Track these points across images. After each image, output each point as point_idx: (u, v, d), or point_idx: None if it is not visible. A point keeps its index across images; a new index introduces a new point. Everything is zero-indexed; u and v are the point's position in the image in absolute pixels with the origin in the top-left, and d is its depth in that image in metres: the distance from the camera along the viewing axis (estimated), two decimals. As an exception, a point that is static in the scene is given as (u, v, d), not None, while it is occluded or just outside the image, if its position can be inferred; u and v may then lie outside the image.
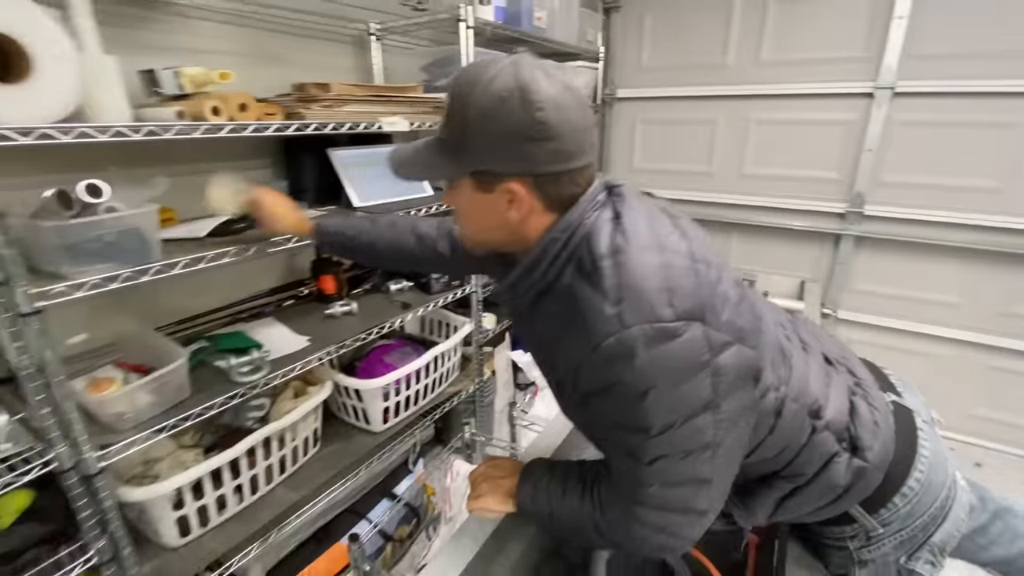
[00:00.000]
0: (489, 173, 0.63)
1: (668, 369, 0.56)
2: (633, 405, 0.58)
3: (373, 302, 1.61)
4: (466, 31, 1.52)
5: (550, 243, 0.64)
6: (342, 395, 1.55)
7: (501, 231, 0.67)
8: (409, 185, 1.58)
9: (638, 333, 0.55)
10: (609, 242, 0.60)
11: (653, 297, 0.56)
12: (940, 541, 0.74)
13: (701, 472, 0.61)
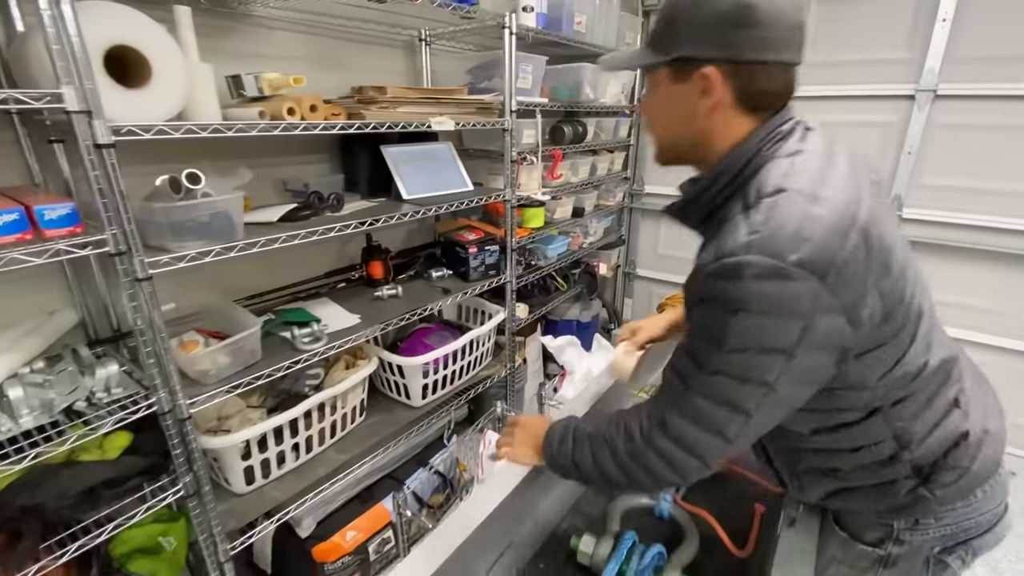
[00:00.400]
0: (688, 60, 0.65)
1: (765, 302, 0.58)
2: (720, 317, 0.61)
3: (416, 287, 1.75)
4: (509, 37, 1.63)
5: (727, 167, 0.67)
6: (386, 371, 1.69)
7: (690, 128, 0.70)
8: (449, 179, 1.71)
9: (755, 261, 0.58)
10: (776, 182, 0.62)
11: (785, 240, 0.57)
12: (977, 546, 0.76)
13: (747, 403, 0.63)
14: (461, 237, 1.82)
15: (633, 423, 0.73)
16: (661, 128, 0.75)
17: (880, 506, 0.76)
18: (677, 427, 0.67)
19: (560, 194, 2.23)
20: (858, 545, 0.80)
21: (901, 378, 0.69)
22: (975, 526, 0.75)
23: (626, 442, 0.73)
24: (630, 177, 2.91)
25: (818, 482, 0.79)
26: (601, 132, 2.46)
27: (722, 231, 0.64)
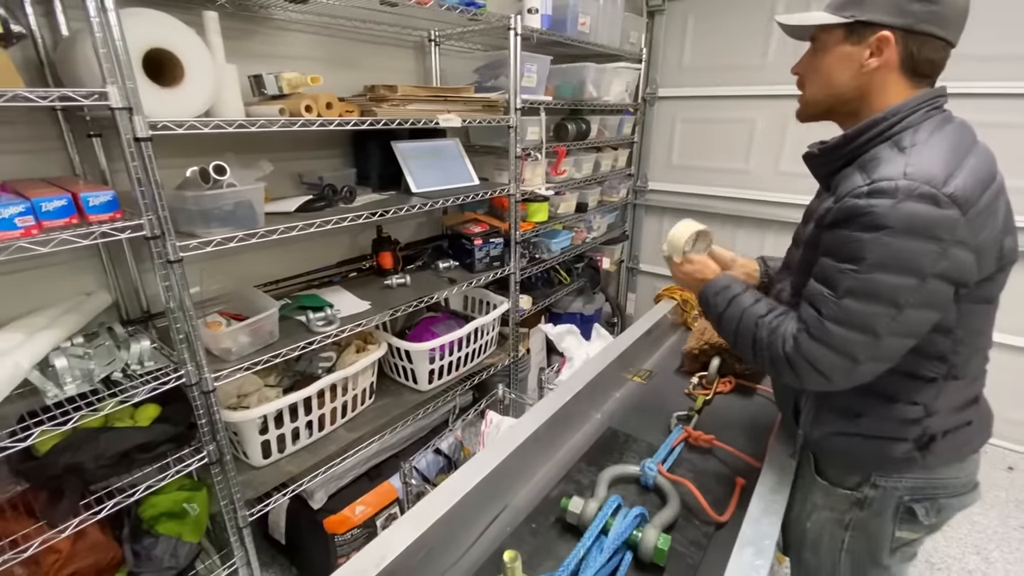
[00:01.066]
0: (868, 24, 0.73)
1: (912, 223, 0.65)
2: (863, 234, 0.67)
3: (423, 277, 1.83)
4: (514, 38, 1.70)
5: (883, 118, 0.74)
6: (395, 356, 1.78)
7: (850, 84, 0.77)
8: (456, 174, 1.78)
9: (910, 185, 0.65)
10: (927, 137, 0.71)
11: (941, 172, 0.66)
12: (944, 504, 0.84)
13: (877, 324, 0.69)
14: (467, 230, 1.90)
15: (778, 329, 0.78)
16: (819, 85, 0.81)
17: (871, 456, 0.84)
18: (807, 346, 0.74)
19: (564, 190, 2.31)
20: (839, 490, 0.89)
21: (972, 344, 0.78)
22: (943, 487, 0.84)
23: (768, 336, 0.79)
24: (634, 174, 2.97)
25: (834, 421, 0.86)
26: (605, 129, 2.53)
27: (871, 164, 0.72)
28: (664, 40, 2.70)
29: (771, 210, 2.57)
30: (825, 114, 0.84)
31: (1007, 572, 1.66)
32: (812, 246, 0.79)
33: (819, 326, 0.72)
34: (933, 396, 0.79)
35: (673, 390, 1.37)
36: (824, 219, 0.75)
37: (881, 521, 0.87)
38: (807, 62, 0.82)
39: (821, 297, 0.73)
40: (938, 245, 0.65)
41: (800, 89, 0.86)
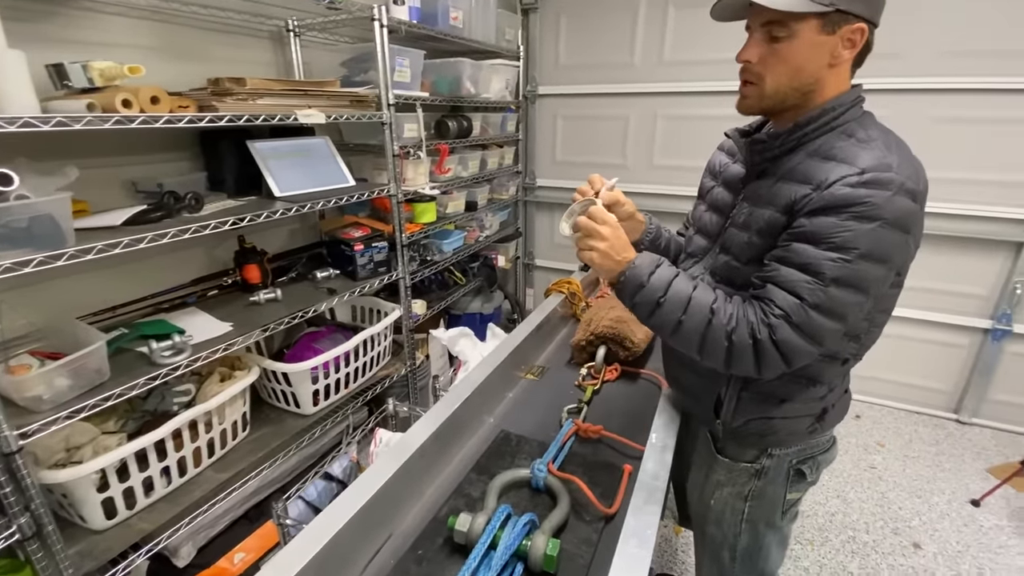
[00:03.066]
0: (847, 14, 0.71)
1: (899, 216, 0.68)
2: (858, 224, 0.68)
3: (299, 289, 1.67)
4: (380, 29, 1.60)
5: (829, 109, 0.75)
6: (271, 380, 1.61)
7: (812, 76, 0.75)
8: (328, 175, 1.65)
9: (898, 180, 0.68)
10: (877, 132, 0.74)
11: (915, 172, 0.71)
12: (820, 460, 0.95)
13: (850, 311, 0.72)
14: (347, 235, 1.77)
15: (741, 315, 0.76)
16: (785, 75, 0.75)
17: (781, 434, 0.90)
18: (784, 334, 0.72)
19: (451, 188, 2.24)
20: (740, 464, 0.95)
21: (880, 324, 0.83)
22: (819, 446, 0.94)
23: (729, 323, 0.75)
24: (522, 171, 2.98)
25: (757, 407, 0.88)
26: (488, 127, 2.51)
27: (843, 153, 0.72)
28: (540, 38, 2.74)
29: (650, 202, 2.71)
30: (780, 106, 0.78)
31: (862, 510, 1.89)
32: (770, 234, 0.77)
33: (802, 313, 0.71)
34: (841, 375, 0.85)
35: (565, 384, 1.37)
36: (798, 206, 0.73)
37: (776, 487, 0.95)
38: (768, 51, 0.74)
39: (804, 284, 0.71)
40: (908, 238, 0.70)
41: (751, 80, 0.78)
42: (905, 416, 2.47)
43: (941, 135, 2.09)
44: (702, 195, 1.01)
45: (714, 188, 0.96)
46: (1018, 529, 1.78)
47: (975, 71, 2.00)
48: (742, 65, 0.78)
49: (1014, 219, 2.09)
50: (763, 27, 0.74)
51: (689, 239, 1.00)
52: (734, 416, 0.91)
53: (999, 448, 2.22)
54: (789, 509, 0.98)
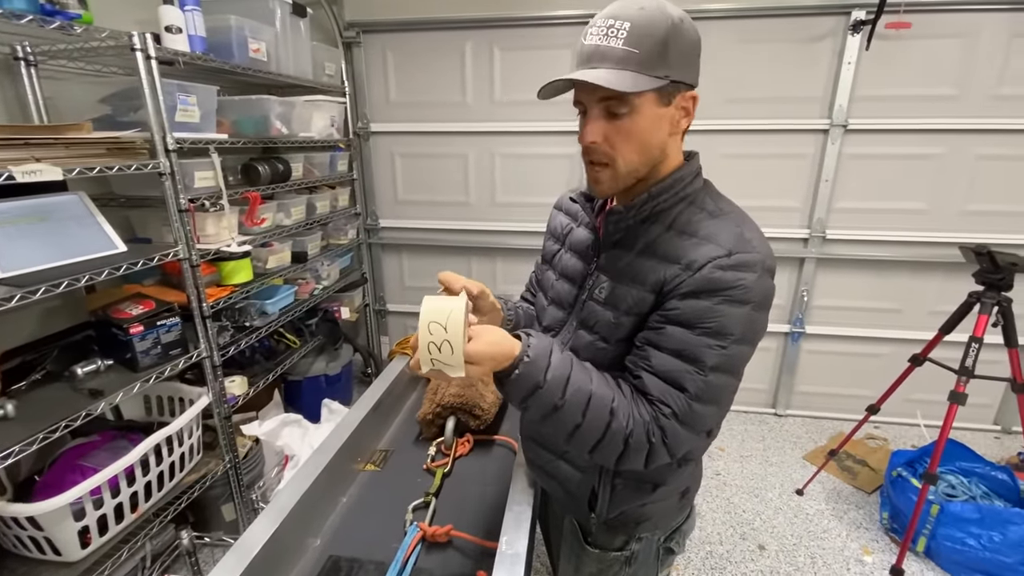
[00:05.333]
0: (676, 83, 0.68)
1: (764, 297, 0.69)
2: (732, 308, 0.67)
3: (47, 395, 1.26)
4: (146, 61, 1.31)
5: (679, 179, 0.74)
6: (11, 526, 1.17)
7: (659, 148, 0.72)
8: (82, 242, 1.28)
9: (759, 260, 0.68)
10: (726, 203, 0.76)
11: (766, 245, 0.71)
12: (685, 530, 0.94)
13: (725, 396, 0.71)
14: (119, 313, 1.39)
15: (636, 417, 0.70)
16: (636, 151, 0.71)
17: (651, 518, 0.86)
18: (674, 433, 0.69)
19: (271, 240, 1.95)
20: (610, 554, 0.89)
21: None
22: (682, 518, 0.93)
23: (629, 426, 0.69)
24: (361, 212, 2.76)
25: (631, 496, 0.84)
26: (314, 168, 2.26)
27: (703, 230, 0.71)
28: (367, 74, 2.58)
29: (495, 239, 2.69)
30: (636, 182, 0.74)
31: (714, 521, 2.00)
32: (639, 313, 0.73)
33: (687, 408, 0.68)
34: (707, 447, 0.83)
35: (412, 470, 1.19)
36: (668, 287, 0.69)
37: (647, 568, 0.92)
38: (612, 130, 0.69)
39: (686, 374, 0.68)
40: (766, 314, 0.71)
41: (602, 161, 0.72)
42: (736, 417, 2.74)
43: (730, 169, 2.40)
44: (548, 260, 0.94)
45: (561, 253, 0.90)
46: (835, 511, 2.04)
47: (751, 115, 2.33)
48: (587, 146, 0.72)
49: (795, 238, 2.47)
50: (600, 104, 0.69)
51: (543, 309, 0.92)
52: (609, 508, 0.85)
53: (809, 435, 2.57)
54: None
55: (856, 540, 1.89)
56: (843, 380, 2.65)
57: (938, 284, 2.44)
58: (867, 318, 2.55)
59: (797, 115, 2.32)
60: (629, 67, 0.65)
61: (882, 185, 2.35)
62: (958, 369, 1.64)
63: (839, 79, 2.22)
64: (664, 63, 0.66)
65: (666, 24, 0.65)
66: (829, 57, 2.23)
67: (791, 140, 2.36)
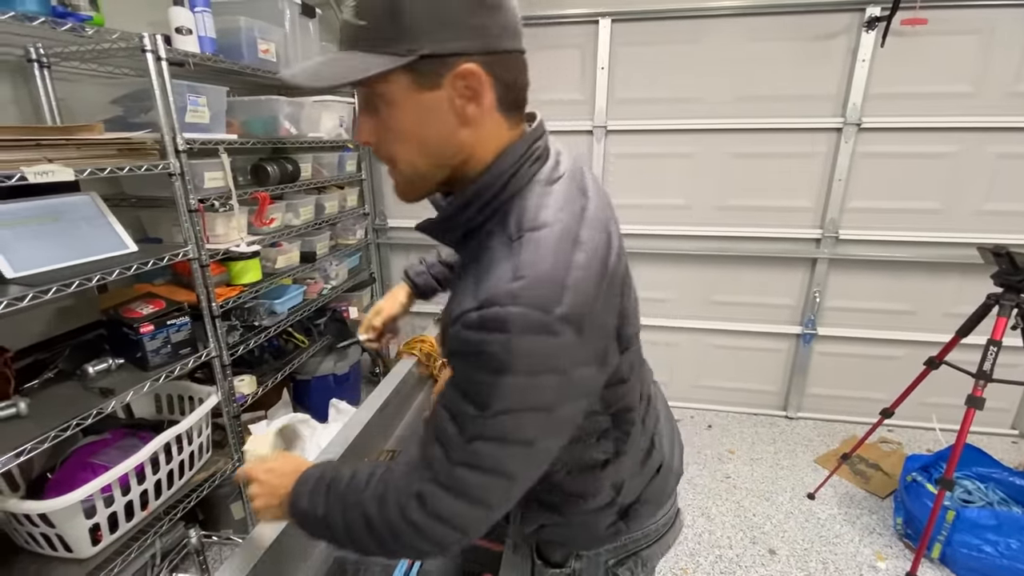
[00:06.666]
0: (436, 57, 0.51)
1: (530, 361, 0.52)
2: (482, 378, 0.53)
3: (59, 393, 1.27)
4: (156, 62, 1.31)
5: (484, 186, 0.58)
6: (23, 523, 1.18)
7: (451, 144, 0.56)
8: (94, 242, 1.29)
9: (520, 316, 0.51)
10: (539, 214, 0.56)
11: (552, 289, 0.52)
12: (647, 556, 0.81)
13: (510, 466, 0.57)
14: (130, 313, 1.40)
15: (390, 491, 0.60)
16: (404, 152, 0.58)
17: (583, 539, 0.78)
18: (438, 500, 0.57)
19: (280, 240, 1.96)
20: (549, 569, 0.81)
21: (627, 420, 0.71)
22: (643, 539, 0.81)
23: (379, 509, 0.60)
24: (370, 212, 2.77)
25: (540, 515, 0.77)
26: (323, 168, 2.27)
27: (483, 266, 0.56)
28: (376, 73, 2.58)
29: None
30: (438, 186, 0.62)
31: (723, 524, 1.98)
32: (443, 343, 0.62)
33: (449, 471, 0.56)
34: (615, 474, 0.74)
35: (419, 469, 1.19)
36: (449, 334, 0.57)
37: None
38: (380, 125, 0.57)
39: (452, 436, 0.56)
40: (560, 375, 0.54)
41: (386, 162, 0.61)
42: (747, 419, 2.71)
43: (741, 168, 2.37)
44: None
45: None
46: (847, 516, 2.01)
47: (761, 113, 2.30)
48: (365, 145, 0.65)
49: (807, 238, 2.44)
50: (362, 96, 0.58)
51: None
52: (522, 525, 0.80)
53: (821, 438, 2.53)
54: None
55: (869, 546, 1.86)
56: (856, 383, 2.62)
57: (954, 285, 2.39)
58: (881, 320, 2.51)
59: (809, 113, 2.28)
60: (359, 47, 0.52)
61: (896, 184, 2.31)
62: (976, 373, 1.60)
63: (853, 77, 2.19)
64: (404, 33, 0.51)
65: None
66: (843, 54, 2.20)
67: (803, 139, 2.32)
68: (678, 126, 2.36)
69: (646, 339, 0.73)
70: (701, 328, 2.68)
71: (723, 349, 2.71)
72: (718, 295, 2.62)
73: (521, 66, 0.58)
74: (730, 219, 2.46)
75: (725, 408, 2.79)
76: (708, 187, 2.42)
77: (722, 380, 2.75)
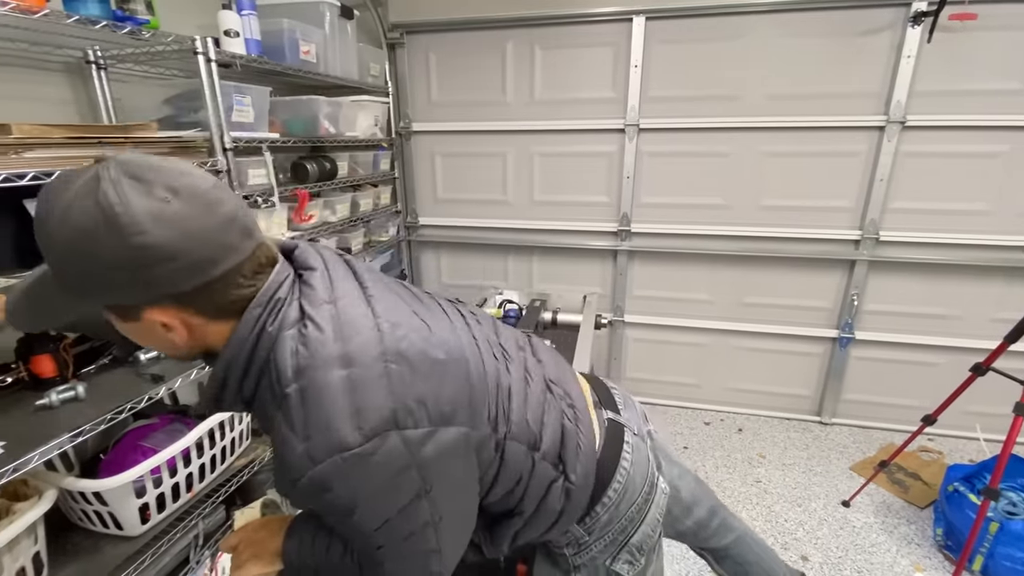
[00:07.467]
0: (122, 307, 0.55)
1: (367, 488, 0.55)
2: (345, 520, 0.57)
3: (114, 379, 1.34)
4: (207, 64, 1.37)
5: (231, 364, 0.58)
6: (78, 501, 1.25)
7: (183, 349, 0.59)
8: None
9: (330, 468, 0.53)
10: (293, 362, 0.55)
11: (340, 425, 0.53)
12: (638, 542, 0.82)
13: (428, 545, 0.62)
14: (179, 304, 1.46)
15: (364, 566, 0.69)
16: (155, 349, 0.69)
17: (550, 519, 0.77)
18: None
19: (317, 236, 2.01)
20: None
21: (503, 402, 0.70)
22: (628, 524, 0.81)
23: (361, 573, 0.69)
24: (402, 211, 2.82)
25: (504, 528, 0.78)
26: (358, 167, 2.32)
27: (276, 438, 0.56)
28: (410, 74, 2.63)
29: (532, 237, 2.69)
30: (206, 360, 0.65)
31: (754, 527, 1.94)
32: None
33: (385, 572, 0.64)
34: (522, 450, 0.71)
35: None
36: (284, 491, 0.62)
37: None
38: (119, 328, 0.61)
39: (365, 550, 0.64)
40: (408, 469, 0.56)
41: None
42: (778, 424, 2.66)
43: (777, 168, 2.32)
44: None
45: None
46: (884, 525, 1.95)
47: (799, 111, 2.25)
48: None
49: (845, 240, 2.37)
50: None
51: None
52: (495, 544, 0.80)
53: (857, 444, 2.46)
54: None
55: (907, 556, 1.80)
56: (895, 389, 2.53)
57: (999, 290, 2.29)
58: (922, 324, 2.42)
59: (849, 111, 2.22)
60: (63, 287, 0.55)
61: (942, 185, 2.23)
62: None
63: (897, 73, 2.12)
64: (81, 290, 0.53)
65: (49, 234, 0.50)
66: (887, 51, 2.13)
67: (842, 137, 2.26)
68: (713, 124, 2.33)
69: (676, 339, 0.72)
70: (733, 330, 2.64)
71: (755, 352, 2.66)
72: (751, 297, 2.57)
73: (229, 282, 0.56)
74: (765, 219, 2.42)
75: (756, 412, 2.73)
76: (743, 187, 2.38)
77: (754, 383, 2.70)
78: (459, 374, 0.63)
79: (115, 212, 0.47)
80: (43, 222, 0.50)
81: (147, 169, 0.50)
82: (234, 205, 0.55)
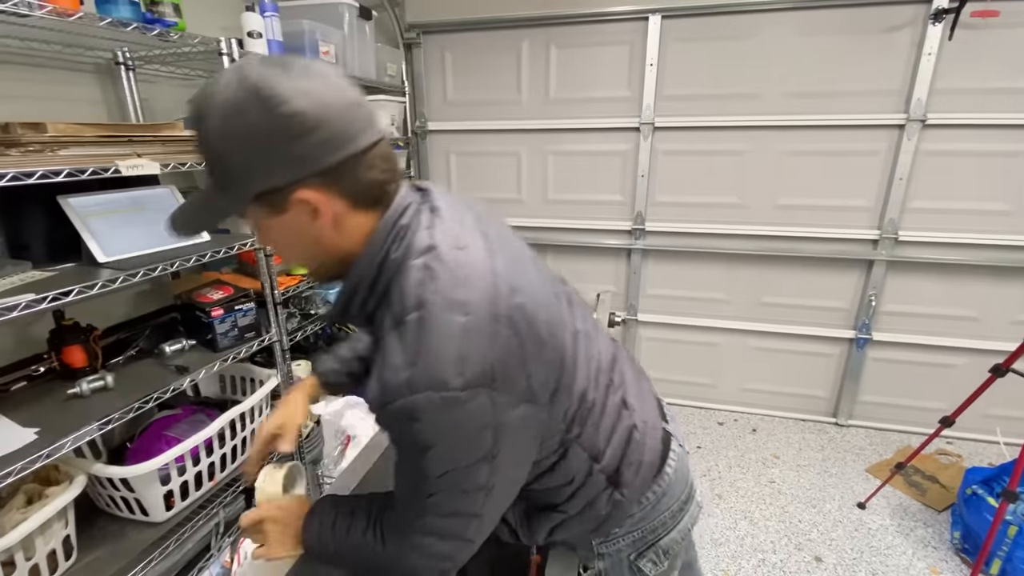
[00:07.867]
0: (271, 192, 0.57)
1: (450, 432, 0.57)
2: (414, 456, 0.60)
3: (140, 370, 1.39)
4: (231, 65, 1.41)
5: (360, 279, 0.63)
6: (106, 487, 1.30)
7: (321, 249, 0.63)
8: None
9: (424, 402, 0.55)
10: (419, 292, 0.57)
11: (446, 366, 0.55)
12: (666, 545, 0.82)
13: (474, 508, 0.64)
14: (202, 297, 1.51)
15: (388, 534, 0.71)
16: (291, 256, 0.69)
17: (591, 524, 0.78)
18: (423, 542, 0.66)
19: (334, 234, 2.05)
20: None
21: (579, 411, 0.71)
22: (659, 526, 0.81)
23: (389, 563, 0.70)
24: (416, 208, 2.85)
25: (543, 520, 0.80)
26: (375, 165, 2.35)
27: (382, 355, 0.59)
28: (426, 74, 2.65)
29: (546, 235, 2.70)
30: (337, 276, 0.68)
31: (767, 528, 1.94)
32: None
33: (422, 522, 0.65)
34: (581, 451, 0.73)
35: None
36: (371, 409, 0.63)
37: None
38: (261, 238, 0.67)
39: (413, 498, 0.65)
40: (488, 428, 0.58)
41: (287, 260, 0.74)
42: (793, 424, 2.63)
43: (794, 166, 2.31)
44: None
45: None
46: (900, 527, 1.93)
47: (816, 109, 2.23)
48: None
49: (863, 239, 2.35)
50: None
51: None
52: (533, 535, 0.81)
53: (873, 447, 2.44)
54: None
55: (923, 559, 1.79)
56: (912, 391, 2.50)
57: (1020, 291, 2.25)
58: (941, 326, 2.39)
59: (868, 110, 2.19)
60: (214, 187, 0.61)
61: (962, 184, 2.19)
62: (1047, 382, 1.52)
63: (917, 71, 2.09)
64: (234, 179, 0.57)
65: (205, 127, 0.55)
66: (907, 48, 2.10)
67: (861, 136, 2.24)
68: (729, 123, 2.32)
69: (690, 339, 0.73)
70: (748, 330, 2.62)
71: (771, 352, 2.64)
72: (767, 296, 2.55)
73: (369, 163, 0.59)
74: (782, 218, 2.40)
75: (771, 412, 2.72)
76: (759, 185, 2.37)
77: (769, 384, 2.69)
78: (554, 360, 0.65)
79: (258, 87, 0.53)
80: (199, 119, 0.55)
81: (280, 59, 0.56)
82: (358, 92, 0.59)
